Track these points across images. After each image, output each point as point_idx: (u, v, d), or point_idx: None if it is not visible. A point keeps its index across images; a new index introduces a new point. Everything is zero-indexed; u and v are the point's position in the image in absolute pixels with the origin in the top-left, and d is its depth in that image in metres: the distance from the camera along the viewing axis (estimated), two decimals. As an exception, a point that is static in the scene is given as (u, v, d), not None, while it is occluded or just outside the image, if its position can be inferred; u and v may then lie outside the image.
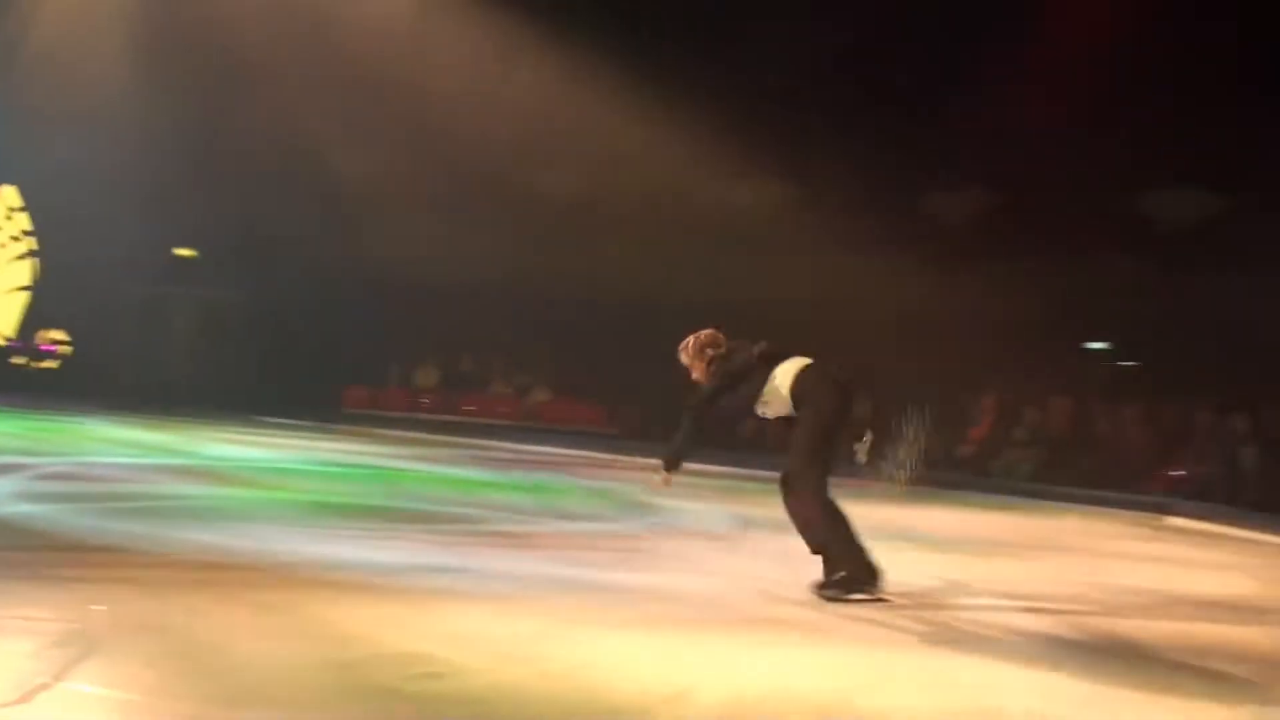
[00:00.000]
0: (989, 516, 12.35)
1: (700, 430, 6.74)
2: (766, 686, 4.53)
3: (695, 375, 6.88)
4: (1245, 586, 8.42)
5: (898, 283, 21.08)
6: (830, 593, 6.32)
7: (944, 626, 5.95)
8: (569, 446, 18.71)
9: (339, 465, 13.32)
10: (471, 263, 21.03)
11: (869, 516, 6.82)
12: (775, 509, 6.65)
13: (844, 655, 5.18)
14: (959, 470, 15.70)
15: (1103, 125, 17.31)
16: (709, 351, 6.81)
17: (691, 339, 6.91)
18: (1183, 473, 14.84)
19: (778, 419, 6.69)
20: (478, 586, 6.19)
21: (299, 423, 20.01)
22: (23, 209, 26.22)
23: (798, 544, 6.47)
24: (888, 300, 21.17)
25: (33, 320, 26.07)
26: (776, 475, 6.57)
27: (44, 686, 3.88)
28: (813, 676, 4.74)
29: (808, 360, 6.66)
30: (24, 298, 26.05)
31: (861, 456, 6.59)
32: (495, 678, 4.37)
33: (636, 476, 10.50)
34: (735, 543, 8.87)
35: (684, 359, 6.92)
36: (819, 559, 6.40)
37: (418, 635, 4.95)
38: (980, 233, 20.09)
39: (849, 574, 6.31)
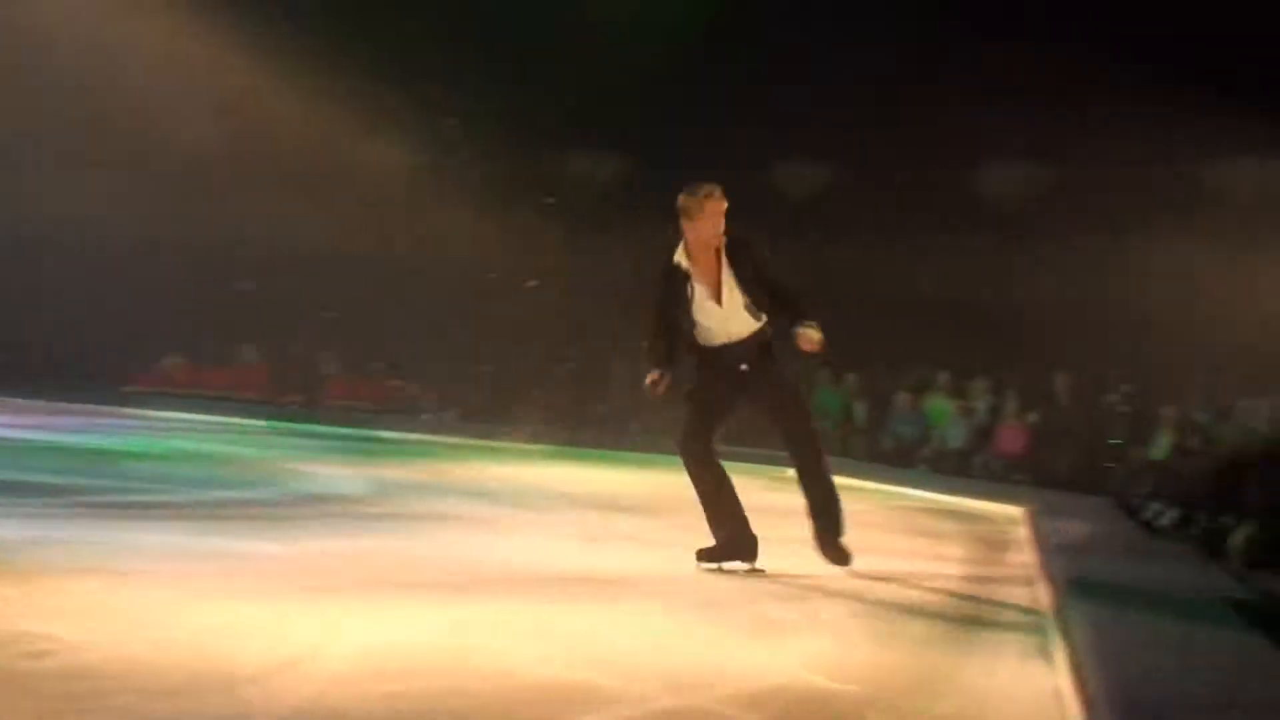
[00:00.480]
0: (628, 475, 12.79)
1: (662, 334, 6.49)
2: (393, 646, 4.54)
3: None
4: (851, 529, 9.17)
5: (546, 243, 21.46)
6: (704, 561, 6.48)
7: (576, 580, 6.17)
8: (222, 414, 17.90)
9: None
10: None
11: (515, 476, 6.94)
12: (414, 471, 6.67)
13: (471, 612, 5.24)
14: (600, 429, 16.18)
15: (743, 107, 18.07)
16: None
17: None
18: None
19: None
20: (97, 560, 5.87)
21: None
22: None
23: (434, 508, 6.53)
24: (535, 260, 21.54)
25: None
26: (417, 437, 6.59)
27: None
28: (437, 635, 4.78)
29: None
30: None
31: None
32: (109, 652, 4.17)
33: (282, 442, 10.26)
34: (373, 507, 8.81)
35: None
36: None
37: (25, 613, 4.65)
38: (622, 196, 20.69)
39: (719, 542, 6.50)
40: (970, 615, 5.79)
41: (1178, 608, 5.19)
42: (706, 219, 6.33)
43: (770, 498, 11.13)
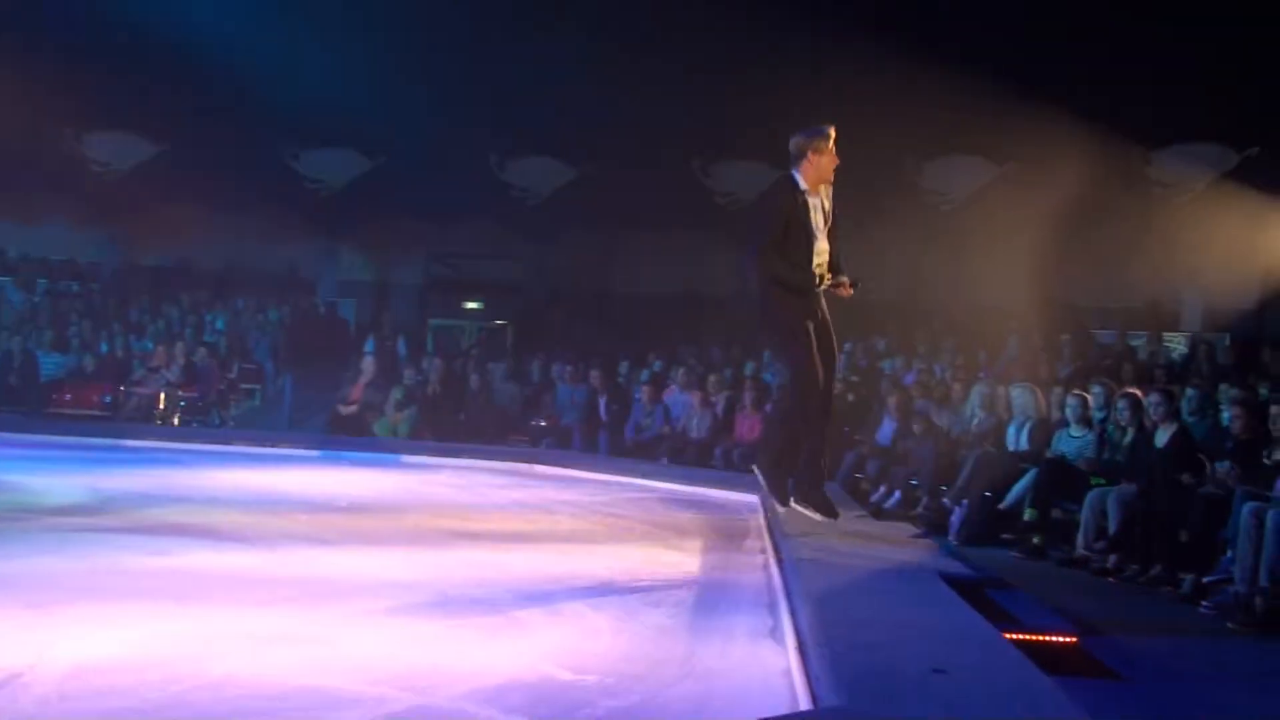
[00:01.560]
0: (366, 476, 12.58)
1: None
2: (113, 659, 4.34)
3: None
4: (595, 522, 9.33)
5: (276, 243, 20.93)
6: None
7: (308, 583, 6.04)
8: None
9: None
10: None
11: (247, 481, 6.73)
12: (142, 480, 6.39)
13: (199, 621, 5.07)
14: (341, 431, 15.83)
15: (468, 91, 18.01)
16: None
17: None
18: (544, 422, 16.02)
19: None
20: None
21: None
22: None
23: (163, 518, 6.27)
24: (266, 260, 21.00)
25: None
26: (153, 444, 6.33)
27: None
28: (163, 645, 4.61)
29: None
30: None
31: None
32: None
33: None
34: (95, 517, 8.37)
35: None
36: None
37: None
38: (358, 196, 20.43)
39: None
40: (706, 601, 5.98)
41: (899, 584, 5.50)
42: (829, 155, 7.01)
43: (511, 494, 11.23)
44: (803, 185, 7.02)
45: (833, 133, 7.03)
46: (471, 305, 22.44)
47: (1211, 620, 7.06)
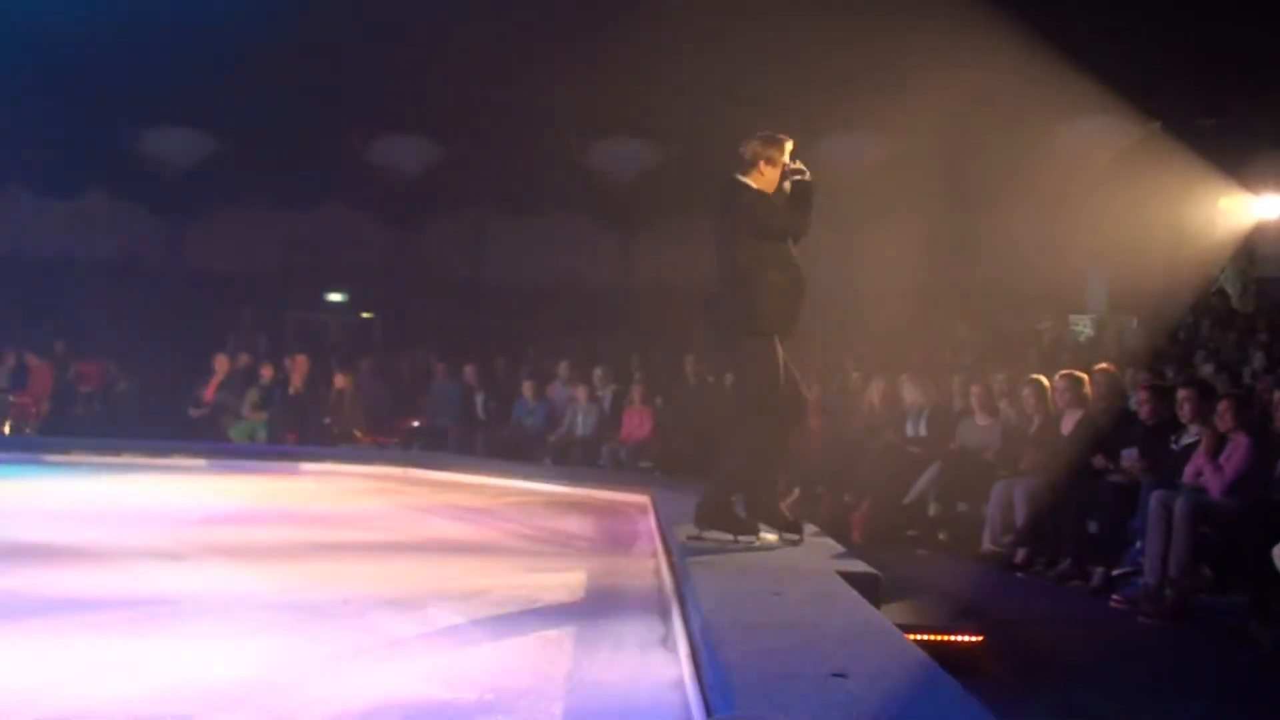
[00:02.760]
0: (221, 483, 12.35)
1: None
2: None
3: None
4: (473, 529, 9.29)
5: (117, 231, 20.45)
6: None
7: (161, 604, 5.91)
8: None
9: None
10: None
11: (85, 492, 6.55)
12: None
13: (44, 647, 4.94)
14: (193, 435, 15.53)
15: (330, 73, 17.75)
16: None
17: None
18: (416, 423, 15.90)
19: None
20: None
21: None
22: None
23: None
24: (105, 249, 20.47)
25: None
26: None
27: None
28: (4, 674, 4.50)
29: None
30: None
31: None
32: None
33: None
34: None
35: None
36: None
37: None
38: (206, 179, 20.03)
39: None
40: (593, 609, 5.98)
41: (797, 586, 5.56)
42: (779, 170, 6.96)
43: (382, 501, 11.11)
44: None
45: (790, 146, 6.99)
46: (335, 297, 22.17)
47: (1122, 614, 7.27)
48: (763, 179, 6.90)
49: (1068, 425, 9.24)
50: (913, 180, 16.93)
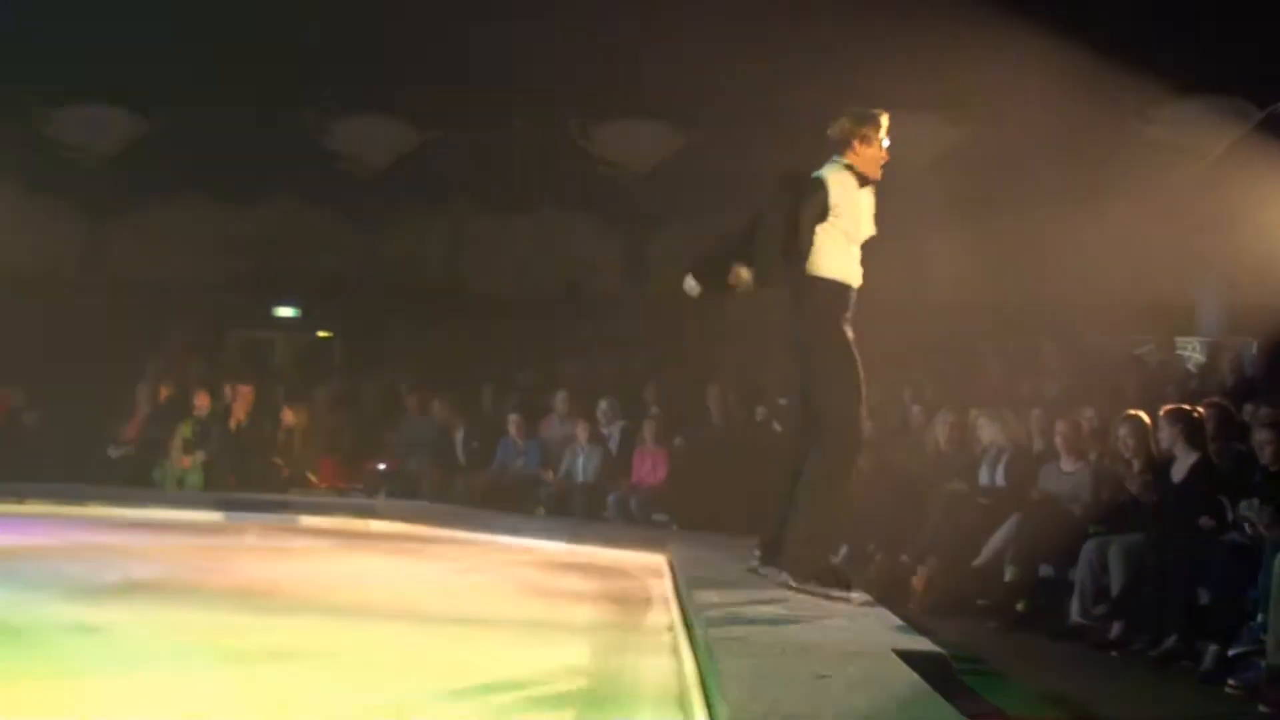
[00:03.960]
0: (146, 538, 12.33)
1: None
2: None
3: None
4: (452, 596, 9.27)
5: (22, 230, 20.48)
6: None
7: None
8: None
9: None
10: None
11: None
12: None
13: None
14: (113, 480, 15.55)
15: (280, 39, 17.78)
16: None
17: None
18: (384, 465, 15.89)
19: None
20: None
21: None
22: None
23: None
24: (10, 255, 20.50)
25: None
26: None
27: None
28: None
29: None
30: None
31: None
32: None
33: None
34: None
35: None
36: None
37: None
38: (129, 168, 20.02)
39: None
40: (598, 699, 5.96)
41: (845, 668, 5.54)
42: (879, 147, 7.27)
43: (341, 561, 11.09)
44: (836, 179, 7.22)
45: (886, 120, 7.22)
46: (285, 311, 22.19)
47: (1239, 702, 7.22)
48: (860, 161, 7.17)
49: (1177, 471, 9.19)
50: (983, 173, 16.89)
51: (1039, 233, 17.13)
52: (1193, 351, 17.88)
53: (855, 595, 7.21)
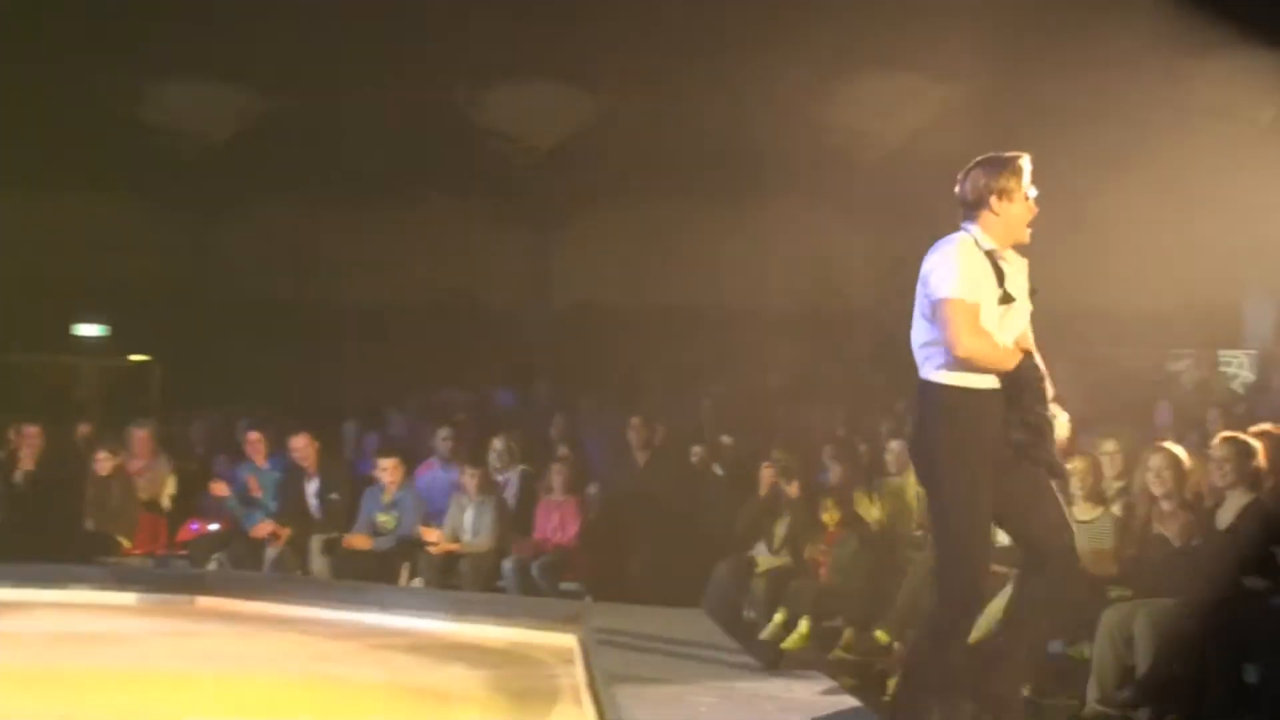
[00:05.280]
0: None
1: None
2: None
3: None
4: (302, 692, 9.16)
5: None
6: None
7: None
8: None
9: None
10: None
11: None
12: None
13: None
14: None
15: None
16: None
17: None
18: (215, 525, 15.75)
19: None
20: None
21: None
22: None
23: None
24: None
25: None
26: None
27: None
28: None
29: None
30: None
31: None
32: None
33: None
34: None
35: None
36: None
37: None
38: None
39: None
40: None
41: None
42: (1023, 202, 6.93)
43: (158, 647, 10.96)
44: (985, 244, 6.93)
45: (1026, 165, 6.93)
46: (89, 330, 22.07)
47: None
48: (999, 225, 6.91)
49: (1223, 517, 9.18)
50: (969, 145, 16.98)
51: (1045, 222, 17.22)
52: (1239, 367, 18.07)
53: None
